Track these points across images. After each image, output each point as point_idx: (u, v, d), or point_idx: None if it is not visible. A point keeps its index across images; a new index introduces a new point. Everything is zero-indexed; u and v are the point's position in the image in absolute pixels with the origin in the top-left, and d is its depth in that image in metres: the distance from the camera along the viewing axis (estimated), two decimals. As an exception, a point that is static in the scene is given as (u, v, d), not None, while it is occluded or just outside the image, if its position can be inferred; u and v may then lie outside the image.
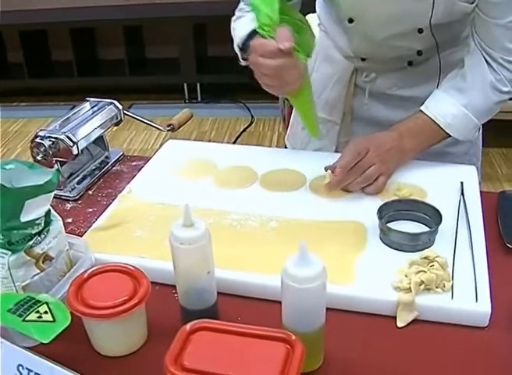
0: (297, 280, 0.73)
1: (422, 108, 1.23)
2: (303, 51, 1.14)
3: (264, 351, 0.73)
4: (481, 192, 1.17)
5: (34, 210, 0.87)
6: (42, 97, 4.38)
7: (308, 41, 1.20)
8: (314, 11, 1.45)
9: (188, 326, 0.76)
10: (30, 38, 4.20)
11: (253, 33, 1.13)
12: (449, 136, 1.23)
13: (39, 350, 0.81)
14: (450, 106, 1.21)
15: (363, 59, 1.36)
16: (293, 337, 0.73)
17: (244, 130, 3.87)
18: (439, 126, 1.21)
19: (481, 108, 1.21)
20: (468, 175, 1.21)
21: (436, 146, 1.27)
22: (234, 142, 3.71)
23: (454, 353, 0.85)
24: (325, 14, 1.42)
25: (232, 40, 1.24)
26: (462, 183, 1.17)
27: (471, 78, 1.20)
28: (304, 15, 1.24)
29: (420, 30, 1.22)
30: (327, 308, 0.87)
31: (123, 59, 4.15)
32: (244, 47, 1.18)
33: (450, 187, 1.17)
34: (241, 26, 1.22)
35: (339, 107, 1.44)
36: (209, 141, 3.71)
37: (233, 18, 1.29)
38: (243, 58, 1.21)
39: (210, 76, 4.22)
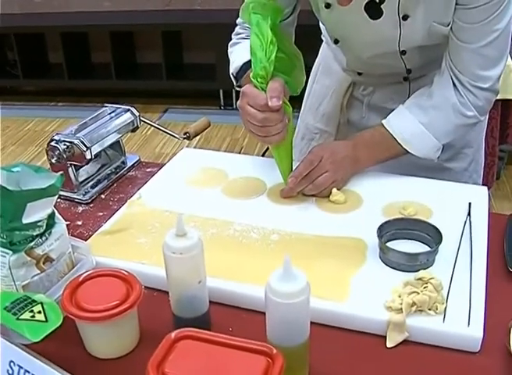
0: (281, 295, 0.74)
1: (383, 121, 1.25)
2: (292, 87, 1.20)
3: (244, 363, 0.74)
4: (490, 214, 1.15)
5: (36, 213, 0.90)
6: (80, 98, 4.47)
7: (299, 78, 1.25)
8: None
9: (173, 335, 0.77)
10: (70, 40, 4.30)
11: (247, 64, 1.18)
12: (408, 152, 1.23)
13: (34, 348, 0.83)
14: (410, 123, 1.22)
15: (359, 74, 1.39)
16: (274, 351, 0.74)
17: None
18: (396, 140, 1.22)
19: (441, 129, 1.22)
20: (478, 195, 1.20)
21: (433, 161, 1.28)
22: (266, 150, 3.72)
23: (443, 377, 0.85)
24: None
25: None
26: (470, 203, 1.15)
27: (436, 98, 1.21)
28: (311, 25, 1.26)
29: (403, 52, 1.24)
30: (317, 324, 0.88)
31: (161, 63, 4.21)
32: (238, 76, 1.24)
33: (458, 207, 1.16)
34: (236, 53, 1.28)
35: (335, 118, 1.46)
36: (241, 148, 3.74)
37: (230, 43, 1.34)
38: (237, 86, 1.26)
39: (246, 84, 4.24)
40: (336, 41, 1.32)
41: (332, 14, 1.23)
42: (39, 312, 0.82)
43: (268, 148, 3.73)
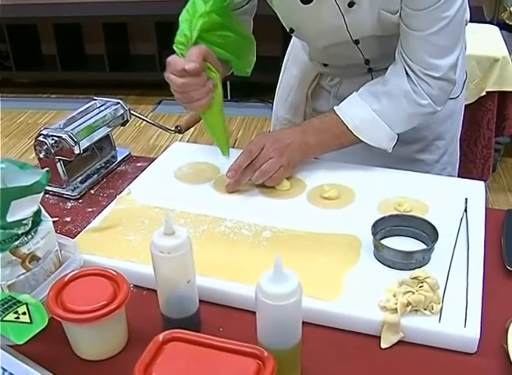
0: (271, 296, 0.72)
1: (335, 107, 1.24)
2: (238, 66, 1.26)
3: (234, 365, 0.72)
4: (487, 209, 1.13)
5: (21, 210, 0.88)
6: (74, 89, 4.44)
7: (248, 58, 1.31)
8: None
9: (161, 337, 0.75)
10: (63, 31, 4.26)
11: None
12: (360, 140, 1.22)
13: (20, 349, 0.82)
14: (361, 109, 1.20)
15: (325, 65, 1.38)
16: (266, 354, 0.72)
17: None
18: (347, 127, 1.21)
19: (394, 117, 1.20)
20: (475, 191, 1.18)
21: (404, 152, 1.29)
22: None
23: (439, 378, 0.83)
24: None
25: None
26: (466, 199, 1.13)
27: (389, 85, 1.20)
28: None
29: (356, 41, 1.23)
30: (310, 324, 0.86)
31: (154, 55, 4.17)
32: None
33: (454, 203, 1.13)
34: None
35: (301, 108, 1.46)
36: (235, 141, 3.71)
37: None
38: None
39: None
40: (291, 31, 1.31)
41: (282, 2, 1.23)
42: (24, 313, 0.81)
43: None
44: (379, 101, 1.20)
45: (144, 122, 1.39)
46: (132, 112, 1.34)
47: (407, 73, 1.17)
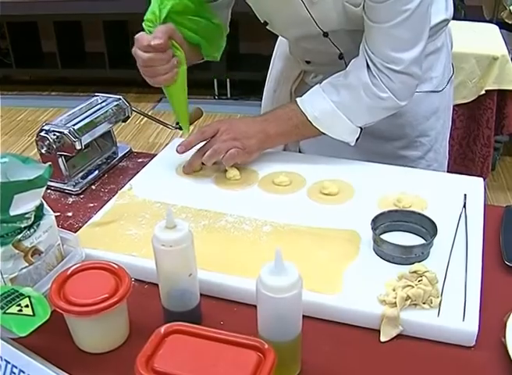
0: (272, 289, 0.73)
1: (297, 99, 1.25)
2: (207, 49, 1.32)
3: (235, 358, 0.72)
4: (486, 205, 1.14)
5: (24, 204, 0.88)
6: (74, 87, 4.44)
7: (217, 42, 1.37)
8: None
9: (163, 329, 0.76)
10: (64, 29, 4.26)
11: None
12: (321, 131, 1.24)
13: (22, 342, 0.82)
14: (321, 101, 1.21)
15: (307, 62, 1.39)
16: (266, 346, 0.72)
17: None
18: (306, 117, 1.22)
19: (353, 109, 1.21)
20: (474, 187, 1.18)
21: (387, 149, 1.30)
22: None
23: (438, 372, 0.83)
24: None
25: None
26: (465, 195, 1.14)
27: (349, 78, 1.20)
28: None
29: (325, 34, 1.25)
30: (309, 317, 0.87)
31: (155, 53, 4.16)
32: None
33: (453, 198, 1.14)
34: None
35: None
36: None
37: None
38: None
39: (240, 73, 4.22)
40: (265, 23, 1.32)
41: None
42: (26, 306, 0.81)
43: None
44: (339, 93, 1.20)
45: (144, 119, 1.42)
46: (133, 108, 1.35)
47: (368, 65, 1.18)
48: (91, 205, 1.21)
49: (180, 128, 1.38)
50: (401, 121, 1.33)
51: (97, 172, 1.31)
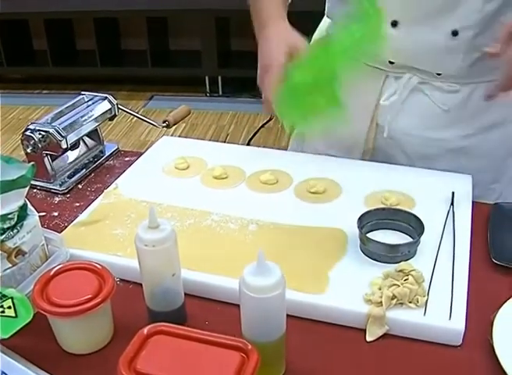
0: (254, 289, 0.72)
1: None
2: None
3: (218, 358, 0.72)
4: (474, 203, 1.13)
5: (6, 205, 0.87)
6: (65, 85, 4.41)
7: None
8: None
9: (145, 330, 0.75)
10: (55, 27, 4.24)
11: None
12: None
13: (5, 343, 0.82)
14: None
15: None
16: (249, 347, 0.72)
17: (263, 126, 3.84)
18: None
19: None
20: (462, 184, 1.18)
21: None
22: (252, 138, 3.70)
23: (424, 371, 0.83)
24: None
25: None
26: (453, 193, 1.13)
27: None
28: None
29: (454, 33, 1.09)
30: (295, 317, 0.86)
31: (146, 50, 4.15)
32: None
33: (441, 196, 1.13)
34: None
35: None
36: (227, 135, 3.71)
37: None
38: None
39: (232, 71, 4.20)
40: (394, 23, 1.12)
41: None
42: (9, 307, 0.81)
43: (253, 136, 3.72)
44: None
45: (135, 117, 1.39)
46: (120, 106, 1.34)
47: None
48: (77, 204, 1.20)
49: (168, 126, 1.37)
50: None
51: (83, 171, 1.30)
